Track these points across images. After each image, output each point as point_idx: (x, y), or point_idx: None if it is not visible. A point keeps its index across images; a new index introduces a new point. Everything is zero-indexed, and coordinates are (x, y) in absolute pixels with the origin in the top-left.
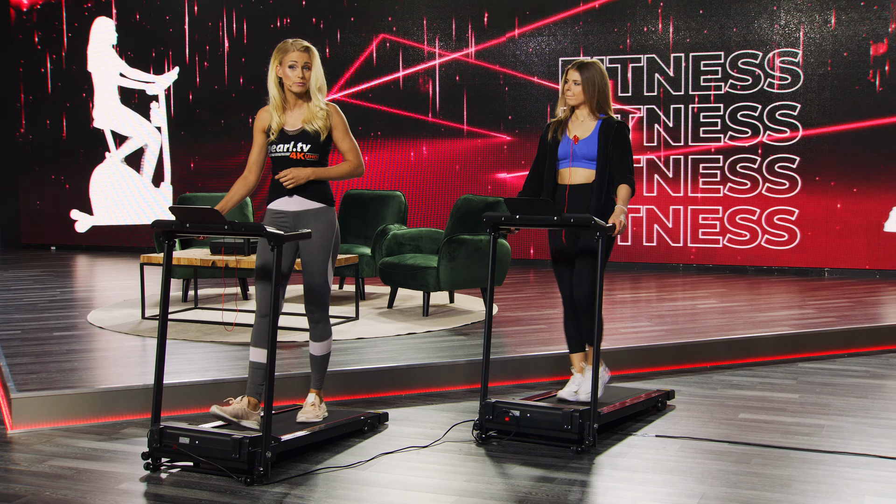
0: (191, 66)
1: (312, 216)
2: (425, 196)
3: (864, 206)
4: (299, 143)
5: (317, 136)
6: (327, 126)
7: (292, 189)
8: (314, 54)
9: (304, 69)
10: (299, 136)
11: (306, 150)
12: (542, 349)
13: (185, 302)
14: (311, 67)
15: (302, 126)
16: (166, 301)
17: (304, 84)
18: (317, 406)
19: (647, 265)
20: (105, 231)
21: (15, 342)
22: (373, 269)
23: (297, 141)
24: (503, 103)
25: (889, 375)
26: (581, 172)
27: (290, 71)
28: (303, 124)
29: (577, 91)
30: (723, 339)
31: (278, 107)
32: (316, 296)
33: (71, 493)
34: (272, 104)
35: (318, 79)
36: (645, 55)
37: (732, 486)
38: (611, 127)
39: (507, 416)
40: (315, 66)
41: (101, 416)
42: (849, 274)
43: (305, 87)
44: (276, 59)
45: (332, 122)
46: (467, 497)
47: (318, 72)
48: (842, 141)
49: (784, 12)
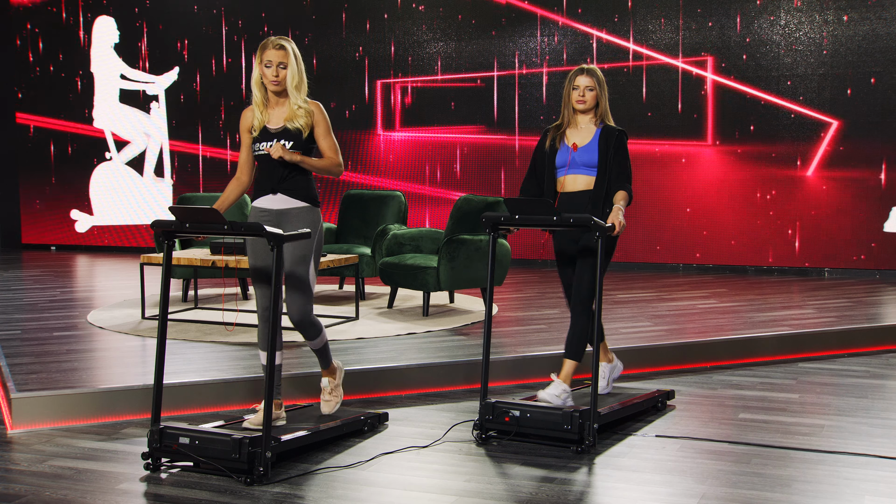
0: (190, 67)
1: (295, 215)
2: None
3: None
4: (281, 141)
5: (298, 134)
6: (309, 124)
7: (275, 187)
8: (290, 52)
9: (280, 68)
10: (281, 134)
11: (288, 148)
12: (542, 349)
13: (185, 302)
14: (287, 66)
15: (284, 124)
16: (166, 301)
17: (278, 83)
18: (330, 391)
19: (647, 265)
20: (105, 231)
21: (15, 342)
22: (373, 269)
23: (279, 138)
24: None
25: (889, 375)
26: (580, 179)
27: (267, 70)
28: (285, 122)
29: (590, 97)
30: (723, 339)
31: (260, 105)
32: (298, 298)
33: (71, 493)
34: (254, 103)
35: (293, 77)
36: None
37: (732, 486)
38: (611, 135)
39: (507, 416)
40: (291, 65)
41: (101, 416)
42: (849, 274)
43: (281, 87)
44: (258, 57)
45: (314, 119)
46: (467, 497)
47: (295, 69)
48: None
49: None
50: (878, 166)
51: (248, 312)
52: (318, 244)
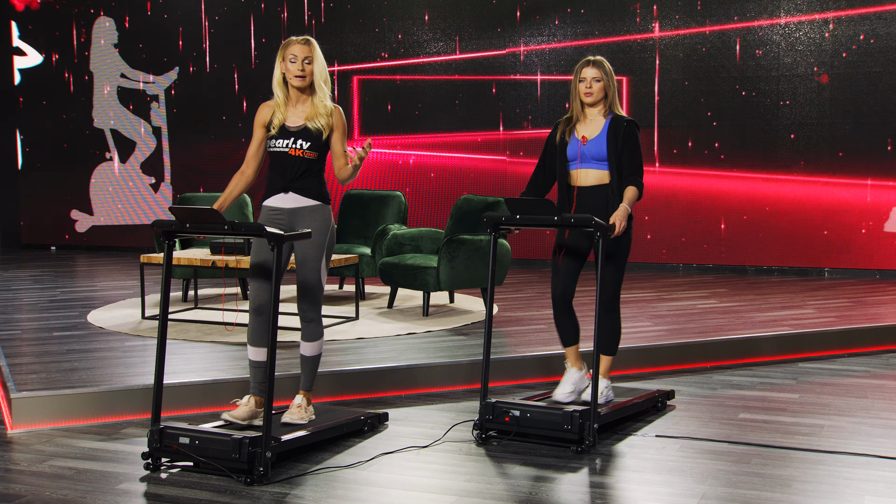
0: (190, 66)
1: (307, 213)
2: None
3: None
4: (299, 140)
5: (319, 135)
6: (329, 125)
7: (287, 186)
8: (315, 47)
9: (305, 62)
10: (300, 133)
11: (305, 148)
12: (542, 349)
13: (185, 302)
14: (313, 61)
15: (304, 123)
16: (166, 301)
17: (304, 77)
18: (303, 408)
19: (647, 265)
20: (105, 231)
21: (15, 342)
22: (373, 269)
23: (297, 137)
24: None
25: (889, 375)
26: (592, 174)
27: (291, 65)
28: (305, 121)
29: (598, 88)
30: (723, 339)
31: (281, 105)
32: (309, 295)
33: (71, 493)
34: (275, 103)
35: (321, 72)
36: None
37: (732, 486)
38: (620, 125)
39: (507, 416)
40: (317, 60)
41: (101, 416)
42: (849, 274)
43: (307, 81)
44: (280, 55)
45: (333, 122)
46: (467, 497)
47: (321, 65)
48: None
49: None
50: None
51: (248, 312)
52: (331, 241)
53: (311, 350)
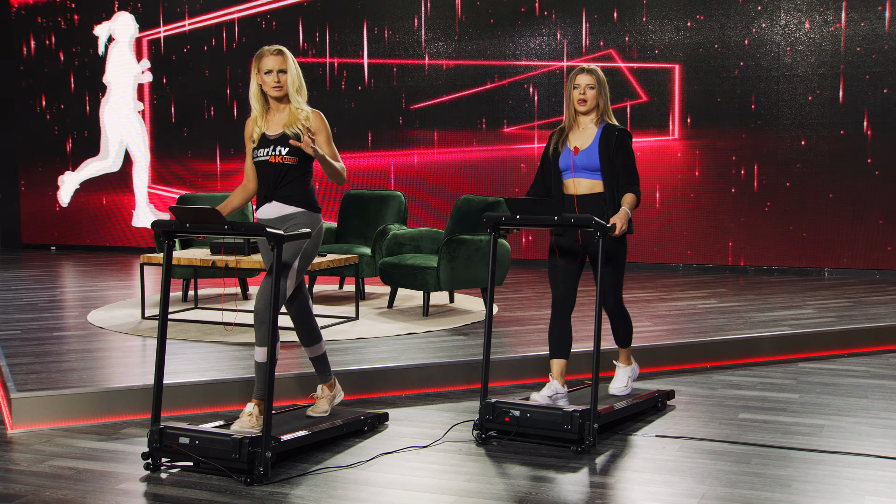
0: (190, 65)
1: (290, 220)
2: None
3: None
4: (278, 147)
5: (297, 139)
6: (307, 129)
7: (270, 195)
8: (288, 57)
9: (280, 73)
10: (279, 140)
11: (284, 153)
12: (542, 349)
13: (185, 302)
14: (286, 70)
15: (283, 130)
16: (166, 301)
17: (280, 88)
18: (325, 399)
19: (647, 265)
20: (105, 231)
21: (15, 342)
22: (373, 269)
23: (276, 144)
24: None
25: (889, 375)
26: (584, 183)
27: (267, 77)
28: (283, 128)
29: (591, 95)
30: (723, 339)
31: (260, 115)
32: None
33: (71, 493)
34: (253, 114)
35: (293, 81)
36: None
37: (732, 486)
38: (612, 135)
39: (507, 416)
40: (290, 69)
41: (101, 416)
42: (849, 274)
43: (283, 91)
44: (255, 67)
45: (313, 126)
46: (467, 497)
47: (294, 73)
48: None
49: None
50: (879, 166)
51: (248, 312)
52: (313, 247)
53: (312, 353)
